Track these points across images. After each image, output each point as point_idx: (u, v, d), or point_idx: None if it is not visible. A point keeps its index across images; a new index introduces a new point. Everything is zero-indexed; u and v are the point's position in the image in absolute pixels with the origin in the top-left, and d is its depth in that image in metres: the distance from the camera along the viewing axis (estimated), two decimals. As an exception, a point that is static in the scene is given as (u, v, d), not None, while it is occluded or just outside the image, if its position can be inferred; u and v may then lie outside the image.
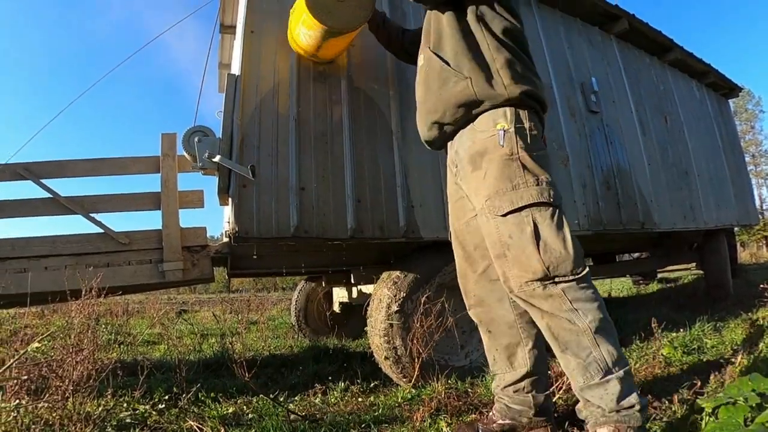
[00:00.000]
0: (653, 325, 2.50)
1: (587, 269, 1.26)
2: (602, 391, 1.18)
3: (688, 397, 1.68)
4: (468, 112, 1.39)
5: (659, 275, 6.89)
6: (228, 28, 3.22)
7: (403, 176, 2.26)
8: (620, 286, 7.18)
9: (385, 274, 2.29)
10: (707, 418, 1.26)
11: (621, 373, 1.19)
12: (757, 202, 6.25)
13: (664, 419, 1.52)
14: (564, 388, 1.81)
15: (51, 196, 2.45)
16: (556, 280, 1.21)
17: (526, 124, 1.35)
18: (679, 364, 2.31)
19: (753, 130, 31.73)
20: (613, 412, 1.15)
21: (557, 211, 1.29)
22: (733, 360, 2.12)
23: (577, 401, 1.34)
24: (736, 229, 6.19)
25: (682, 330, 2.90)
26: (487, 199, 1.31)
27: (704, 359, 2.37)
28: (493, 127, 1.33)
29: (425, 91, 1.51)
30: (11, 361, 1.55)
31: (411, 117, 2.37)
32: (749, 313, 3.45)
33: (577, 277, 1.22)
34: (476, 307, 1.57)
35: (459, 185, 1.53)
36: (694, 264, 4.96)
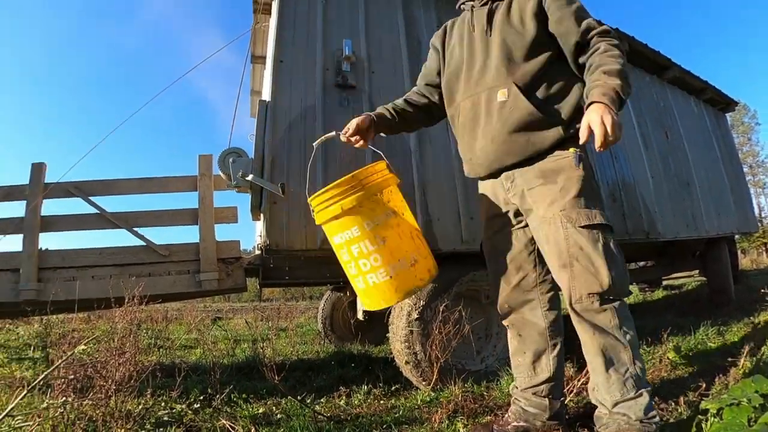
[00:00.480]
0: (663, 333, 2.45)
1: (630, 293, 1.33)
2: (633, 403, 1.20)
3: (694, 399, 1.65)
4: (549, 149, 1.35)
5: (664, 282, 6.71)
6: (259, 59, 3.29)
7: (422, 192, 2.26)
8: None
9: (405, 284, 2.28)
10: (712, 419, 1.24)
11: (648, 387, 1.23)
12: (756, 211, 6.09)
13: (671, 420, 1.49)
14: (575, 391, 1.78)
15: (98, 211, 2.51)
16: (612, 297, 1.24)
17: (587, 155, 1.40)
18: (684, 367, 2.25)
19: (750, 142, 30.98)
20: (638, 421, 1.17)
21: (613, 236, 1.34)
22: (736, 363, 2.06)
23: (588, 405, 1.33)
24: (736, 236, 6.03)
25: (687, 334, 2.84)
26: (563, 210, 1.28)
27: (708, 362, 2.30)
28: (566, 150, 1.33)
29: (505, 133, 1.35)
30: (59, 361, 1.57)
31: (428, 138, 2.38)
32: (751, 317, 3.37)
33: (624, 298, 1.29)
34: (509, 316, 1.54)
35: (507, 199, 1.46)
36: (697, 271, 4.85)
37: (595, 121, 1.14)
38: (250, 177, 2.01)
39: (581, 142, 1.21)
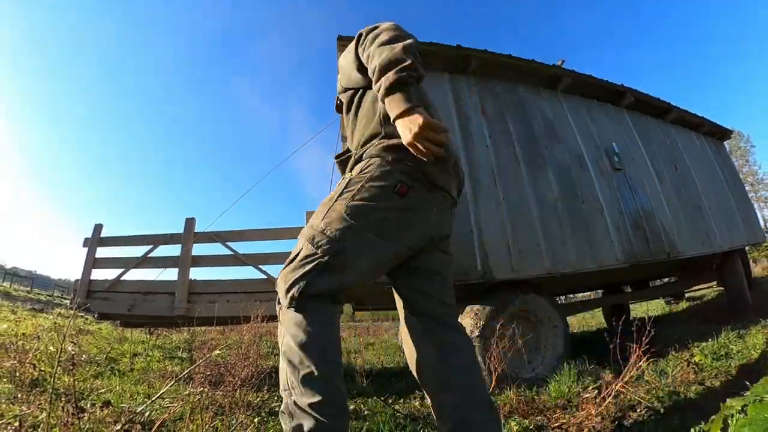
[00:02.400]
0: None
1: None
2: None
3: (720, 397, 1.44)
4: None
5: (687, 295, 6.04)
6: (346, 138, 3.45)
7: (479, 233, 2.23)
8: (655, 307, 6.34)
9: (468, 308, 2.23)
10: (737, 415, 1.07)
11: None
12: (762, 223, 5.36)
13: (699, 418, 1.33)
14: (613, 393, 1.60)
15: (232, 253, 2.72)
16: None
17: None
18: (710, 369, 2.01)
19: (748, 163, 27.85)
20: None
21: None
22: (757, 362, 1.85)
23: (627, 406, 1.16)
24: (747, 248, 5.32)
25: (710, 339, 2.52)
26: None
27: (732, 363, 2.04)
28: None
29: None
30: (200, 361, 1.68)
31: (481, 191, 2.36)
32: (767, 320, 2.91)
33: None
34: None
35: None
36: (715, 282, 4.31)
37: (406, 139, 0.82)
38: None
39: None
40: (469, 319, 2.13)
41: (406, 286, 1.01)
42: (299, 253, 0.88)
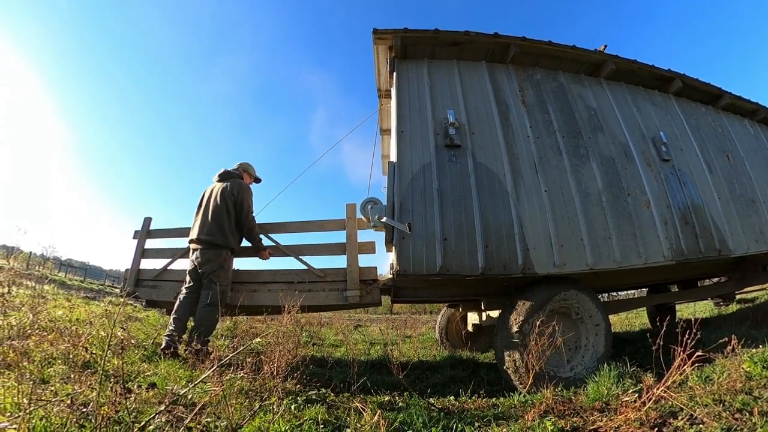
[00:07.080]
0: (733, 342, 2.01)
1: None
2: None
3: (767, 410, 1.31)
4: None
5: (737, 296, 5.59)
6: (385, 131, 3.45)
7: (520, 226, 2.16)
8: (703, 308, 5.88)
9: (507, 303, 2.18)
10: None
11: None
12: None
13: (745, 430, 1.24)
14: (653, 399, 1.51)
15: (274, 244, 2.75)
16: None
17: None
18: (759, 378, 1.82)
19: None
20: None
21: None
22: None
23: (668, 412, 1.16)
24: (804, 246, 4.81)
25: (761, 346, 2.29)
26: None
27: None
28: None
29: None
30: (241, 348, 1.67)
31: (522, 182, 2.29)
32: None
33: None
34: None
35: None
36: (769, 284, 3.95)
37: None
38: (384, 219, 2.09)
39: None
40: (509, 314, 2.08)
41: None
42: None
